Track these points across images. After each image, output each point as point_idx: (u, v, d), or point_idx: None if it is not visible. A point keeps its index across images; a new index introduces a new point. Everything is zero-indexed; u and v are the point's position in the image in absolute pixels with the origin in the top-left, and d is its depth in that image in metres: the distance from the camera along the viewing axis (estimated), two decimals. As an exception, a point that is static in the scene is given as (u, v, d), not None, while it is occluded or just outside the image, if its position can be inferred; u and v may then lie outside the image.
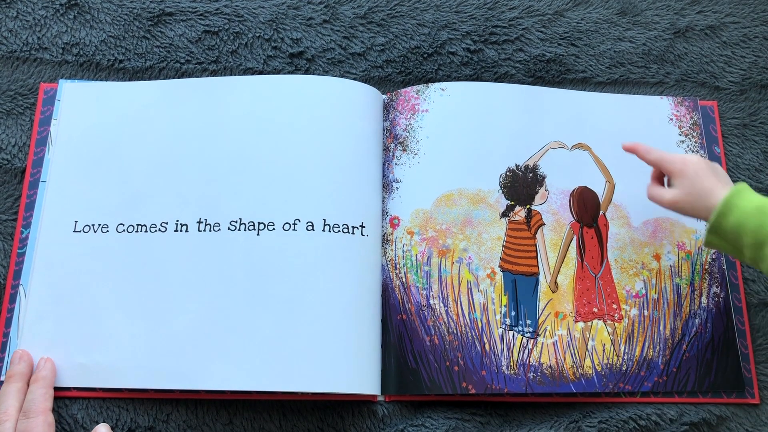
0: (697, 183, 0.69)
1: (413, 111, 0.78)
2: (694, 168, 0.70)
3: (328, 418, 0.69)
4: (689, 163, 0.70)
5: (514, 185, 0.77)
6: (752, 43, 0.87)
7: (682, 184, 0.70)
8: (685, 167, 0.70)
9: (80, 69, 0.81)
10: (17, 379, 0.66)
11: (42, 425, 0.63)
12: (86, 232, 0.72)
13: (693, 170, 0.70)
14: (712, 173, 0.69)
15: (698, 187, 0.69)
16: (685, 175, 0.70)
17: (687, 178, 0.70)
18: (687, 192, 0.70)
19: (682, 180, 0.70)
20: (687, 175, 0.70)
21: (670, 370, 0.72)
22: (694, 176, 0.69)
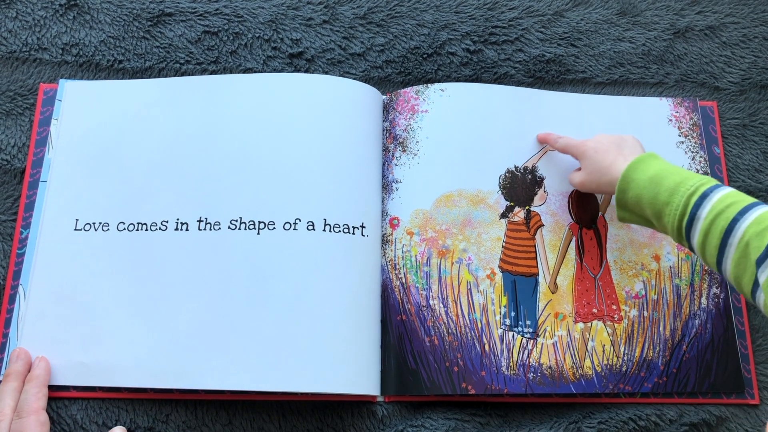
0: (597, 160, 0.71)
1: (413, 111, 0.78)
2: (594, 146, 0.72)
3: (328, 419, 0.69)
4: (588, 142, 0.73)
5: (513, 186, 0.77)
6: (752, 43, 0.87)
7: (586, 164, 0.73)
8: (585, 147, 0.73)
9: (80, 69, 0.81)
10: (14, 378, 0.66)
11: (34, 424, 0.63)
12: (87, 231, 0.72)
13: (592, 148, 0.72)
14: (615, 148, 0.71)
15: (598, 165, 0.71)
16: (586, 155, 0.72)
17: (588, 158, 0.72)
18: (590, 171, 0.72)
19: (585, 160, 0.73)
20: (588, 154, 0.72)
21: (670, 371, 0.72)
22: (593, 154, 0.72)
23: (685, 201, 0.61)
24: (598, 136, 0.73)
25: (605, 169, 0.70)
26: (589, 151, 0.72)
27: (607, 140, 0.72)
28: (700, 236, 0.60)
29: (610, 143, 0.71)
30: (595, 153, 0.71)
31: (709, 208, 0.60)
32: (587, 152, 0.72)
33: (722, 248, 0.59)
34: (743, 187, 0.80)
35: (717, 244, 0.59)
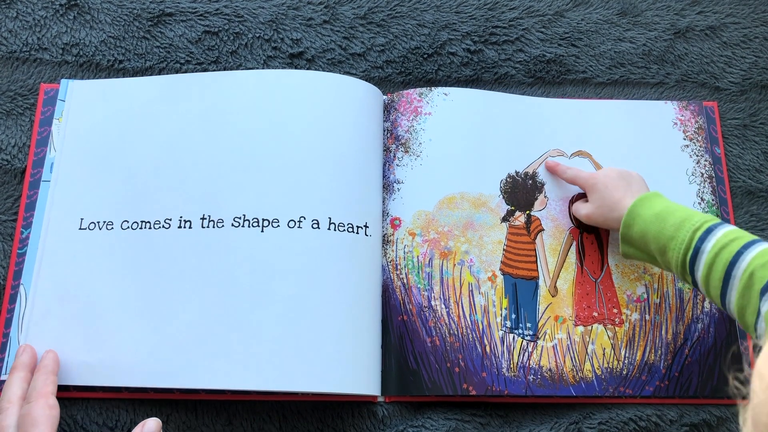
0: (606, 195, 0.72)
1: (416, 113, 0.78)
2: (603, 180, 0.73)
3: (328, 419, 0.69)
4: (598, 176, 0.73)
5: (514, 191, 0.77)
6: (752, 43, 0.87)
7: (594, 198, 0.73)
8: (595, 181, 0.73)
9: (80, 69, 0.80)
10: (21, 369, 0.66)
11: (42, 408, 0.62)
12: (91, 230, 0.72)
13: (602, 183, 0.72)
14: (624, 183, 0.72)
15: (608, 200, 0.71)
16: (596, 189, 0.73)
17: (597, 192, 0.73)
18: (598, 205, 0.73)
19: (593, 194, 0.73)
20: (597, 188, 0.73)
21: (672, 375, 0.72)
22: (603, 189, 0.72)
23: (690, 235, 0.63)
24: (606, 170, 0.74)
25: (614, 204, 0.70)
26: (599, 185, 0.73)
27: (616, 174, 0.73)
28: (705, 269, 0.61)
29: (619, 178, 0.72)
30: (605, 188, 0.72)
31: (714, 242, 0.61)
32: (597, 185, 0.73)
33: (726, 280, 0.59)
34: (743, 187, 0.80)
35: (721, 277, 0.60)
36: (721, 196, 0.79)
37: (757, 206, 0.80)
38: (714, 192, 0.79)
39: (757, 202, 0.80)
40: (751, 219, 0.79)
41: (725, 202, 0.79)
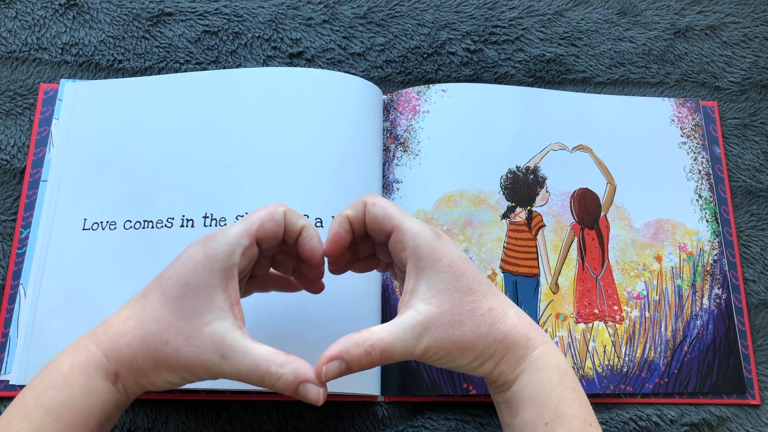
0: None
1: (414, 112, 0.78)
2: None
3: (328, 420, 0.69)
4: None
5: (514, 187, 0.77)
6: (752, 43, 0.87)
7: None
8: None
9: (79, 69, 0.80)
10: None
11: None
12: (95, 230, 0.72)
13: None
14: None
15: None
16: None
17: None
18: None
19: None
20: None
21: (671, 372, 0.72)
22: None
23: None
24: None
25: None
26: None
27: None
28: None
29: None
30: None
31: None
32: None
33: None
34: (744, 187, 0.80)
35: None
36: (721, 196, 0.79)
37: (757, 206, 0.80)
38: (711, 189, 0.79)
39: (757, 201, 0.80)
40: (751, 219, 0.79)
41: (725, 201, 0.79)
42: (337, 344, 0.51)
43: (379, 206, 0.55)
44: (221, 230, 0.53)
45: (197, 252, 0.52)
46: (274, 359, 0.50)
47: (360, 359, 0.50)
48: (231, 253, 0.52)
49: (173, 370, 0.51)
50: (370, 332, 0.51)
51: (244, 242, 0.52)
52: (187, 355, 0.50)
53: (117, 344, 0.51)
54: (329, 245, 0.56)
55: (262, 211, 0.54)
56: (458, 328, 0.51)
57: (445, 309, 0.51)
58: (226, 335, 0.50)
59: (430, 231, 0.53)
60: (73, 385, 0.50)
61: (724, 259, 0.76)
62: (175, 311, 0.51)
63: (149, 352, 0.51)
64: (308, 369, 0.51)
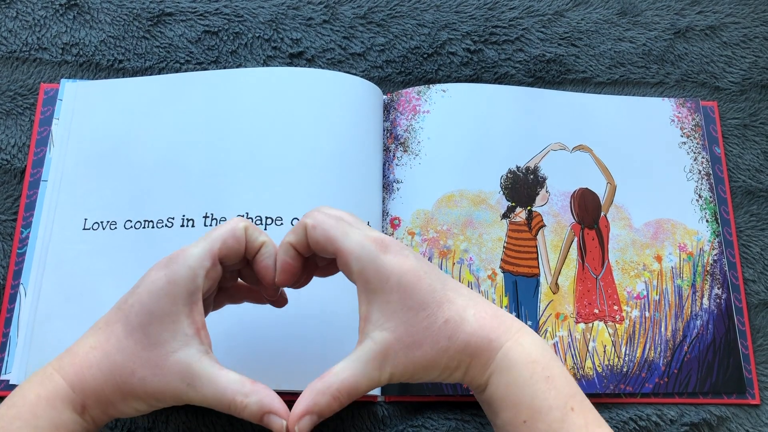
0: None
1: (414, 112, 0.78)
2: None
3: (328, 420, 0.69)
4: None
5: (515, 187, 0.77)
6: (752, 43, 0.87)
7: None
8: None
9: (80, 69, 0.81)
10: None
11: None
12: (95, 230, 0.72)
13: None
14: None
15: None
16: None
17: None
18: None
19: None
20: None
21: (671, 372, 0.72)
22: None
23: None
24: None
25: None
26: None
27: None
28: None
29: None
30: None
31: None
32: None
33: None
34: (744, 187, 0.80)
35: None
36: (721, 196, 0.79)
37: (757, 206, 0.80)
38: (711, 189, 0.79)
39: (757, 202, 0.80)
40: (751, 219, 0.79)
41: (725, 201, 0.79)
42: (304, 398, 0.51)
43: (320, 229, 0.52)
44: (182, 251, 0.52)
45: (159, 278, 0.51)
46: (240, 389, 0.50)
47: (330, 406, 0.50)
48: (194, 277, 0.51)
49: (141, 399, 0.51)
50: (333, 375, 0.51)
51: (206, 264, 0.52)
52: (153, 385, 0.50)
53: (83, 376, 0.50)
54: (279, 275, 0.55)
55: (223, 228, 0.54)
56: (418, 349, 0.51)
57: (400, 332, 0.50)
58: (192, 363, 0.50)
59: (374, 247, 0.51)
60: (39, 417, 0.49)
61: (724, 259, 0.76)
62: (140, 341, 0.50)
63: (116, 384, 0.50)
64: (272, 399, 0.51)
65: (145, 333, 0.50)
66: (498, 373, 0.51)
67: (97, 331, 0.52)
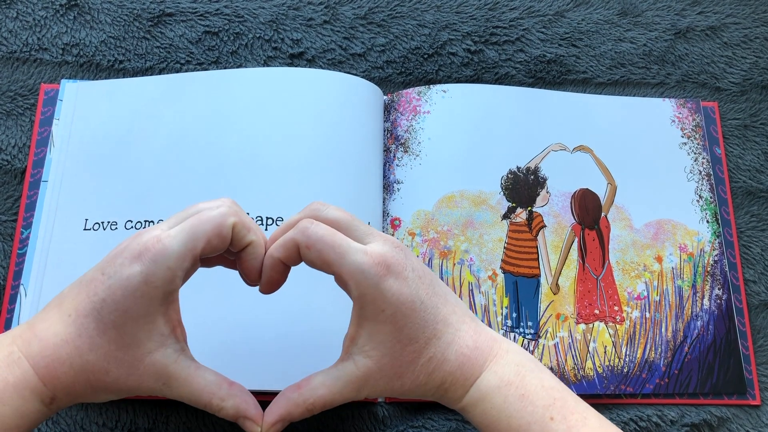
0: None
1: (415, 112, 0.78)
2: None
3: (328, 420, 0.69)
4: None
5: (515, 187, 0.76)
6: (753, 43, 0.87)
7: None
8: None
9: (80, 69, 0.81)
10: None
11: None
12: (96, 230, 0.72)
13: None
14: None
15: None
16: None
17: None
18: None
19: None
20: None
21: (671, 372, 0.72)
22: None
23: None
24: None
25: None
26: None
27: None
28: None
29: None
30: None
31: None
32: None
33: None
34: (744, 188, 0.80)
35: None
36: (722, 197, 0.79)
37: (758, 206, 0.80)
38: (712, 189, 0.79)
39: (758, 202, 0.80)
40: (752, 219, 0.79)
41: (725, 202, 0.79)
42: (278, 406, 0.51)
43: (314, 250, 0.50)
44: (158, 242, 0.48)
45: (134, 275, 0.47)
46: (216, 392, 0.50)
47: (302, 416, 0.52)
48: (172, 278, 0.48)
49: (113, 393, 0.51)
50: (309, 390, 0.51)
51: (186, 265, 0.49)
52: (128, 384, 0.49)
53: (55, 372, 0.48)
54: (264, 287, 0.54)
55: (209, 225, 0.49)
56: (397, 380, 0.51)
57: (383, 363, 0.51)
58: (168, 364, 0.49)
59: (374, 271, 0.49)
60: (5, 404, 0.47)
61: (725, 260, 0.76)
62: (114, 340, 0.48)
63: (88, 381, 0.49)
64: (248, 404, 0.51)
65: (119, 332, 0.48)
66: (471, 405, 0.52)
67: (66, 318, 0.49)
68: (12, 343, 0.49)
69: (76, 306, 0.49)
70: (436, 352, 0.52)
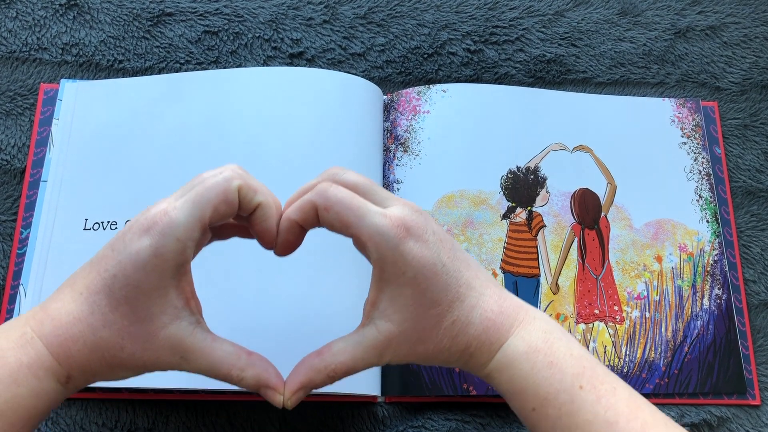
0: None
1: (414, 112, 0.78)
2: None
3: (328, 420, 0.69)
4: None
5: (515, 187, 0.76)
6: (753, 43, 0.87)
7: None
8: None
9: (80, 69, 0.80)
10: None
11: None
12: (96, 230, 0.72)
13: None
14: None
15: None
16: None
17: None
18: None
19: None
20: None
21: (671, 372, 0.72)
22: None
23: None
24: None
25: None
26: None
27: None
28: None
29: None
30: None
31: None
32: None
33: None
34: (744, 188, 0.80)
35: None
36: (722, 196, 0.79)
37: (758, 206, 0.80)
38: (712, 189, 0.79)
39: (758, 202, 0.80)
40: (752, 219, 0.79)
41: (725, 202, 0.79)
42: (298, 374, 0.50)
43: (333, 212, 0.49)
44: (165, 215, 0.47)
45: (143, 248, 0.46)
46: (235, 362, 0.49)
47: (323, 383, 0.50)
48: (182, 250, 0.47)
49: (130, 371, 0.50)
50: (331, 356, 0.50)
51: (196, 236, 0.47)
52: (144, 359, 0.49)
53: (68, 350, 0.48)
54: (280, 249, 0.53)
55: (214, 192, 0.48)
56: (420, 345, 0.50)
57: (406, 327, 0.50)
58: (184, 337, 0.49)
59: (394, 233, 0.48)
60: (20, 385, 0.46)
61: (725, 260, 0.76)
62: (127, 315, 0.47)
63: (103, 358, 0.48)
64: (269, 373, 0.50)
65: (132, 307, 0.47)
66: (497, 371, 0.51)
67: (77, 297, 0.48)
68: (25, 324, 0.48)
69: (87, 284, 0.48)
70: (460, 315, 0.50)
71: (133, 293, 0.47)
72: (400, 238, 0.48)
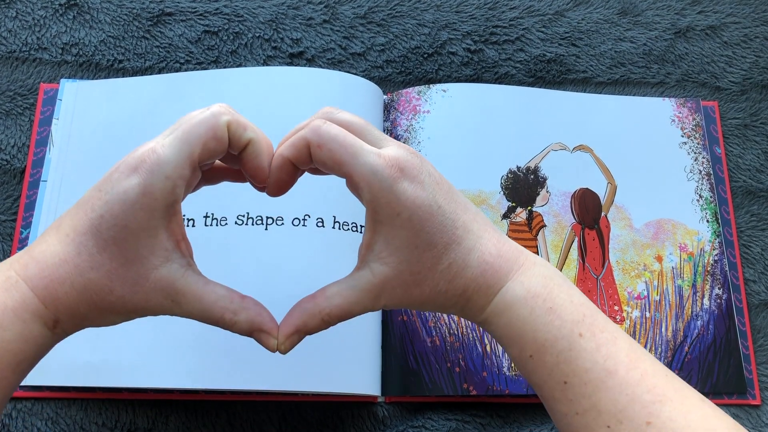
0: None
1: (414, 112, 0.78)
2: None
3: (328, 420, 0.69)
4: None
5: (515, 187, 0.76)
6: (753, 43, 0.87)
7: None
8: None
9: (80, 69, 0.80)
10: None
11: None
12: None
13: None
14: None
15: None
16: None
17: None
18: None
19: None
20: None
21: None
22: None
23: None
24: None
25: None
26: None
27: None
28: None
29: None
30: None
31: None
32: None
33: None
34: (744, 187, 0.80)
35: None
36: (722, 196, 0.79)
37: (758, 206, 0.80)
38: (712, 189, 0.79)
39: (758, 202, 0.80)
40: (752, 219, 0.79)
41: (725, 201, 0.79)
42: (292, 317, 0.49)
43: (326, 149, 0.47)
44: (153, 152, 0.46)
45: (131, 187, 0.45)
46: (228, 306, 0.48)
47: (318, 327, 0.49)
48: (172, 188, 0.45)
49: (120, 315, 0.48)
50: (325, 299, 0.49)
51: (186, 173, 0.46)
52: (134, 302, 0.47)
53: (55, 293, 0.46)
54: (272, 189, 0.51)
55: (202, 127, 0.46)
56: (416, 288, 0.49)
57: (401, 269, 0.48)
58: (176, 280, 0.47)
59: (388, 173, 0.46)
60: (6, 329, 0.44)
61: (725, 260, 0.76)
62: (115, 257, 0.46)
63: (92, 301, 0.47)
64: (262, 317, 0.49)
65: (120, 248, 0.45)
66: (495, 315, 0.49)
67: (63, 238, 0.47)
68: (9, 268, 0.46)
69: (73, 225, 0.47)
70: (457, 258, 0.48)
71: (122, 234, 0.45)
72: (394, 179, 0.46)
